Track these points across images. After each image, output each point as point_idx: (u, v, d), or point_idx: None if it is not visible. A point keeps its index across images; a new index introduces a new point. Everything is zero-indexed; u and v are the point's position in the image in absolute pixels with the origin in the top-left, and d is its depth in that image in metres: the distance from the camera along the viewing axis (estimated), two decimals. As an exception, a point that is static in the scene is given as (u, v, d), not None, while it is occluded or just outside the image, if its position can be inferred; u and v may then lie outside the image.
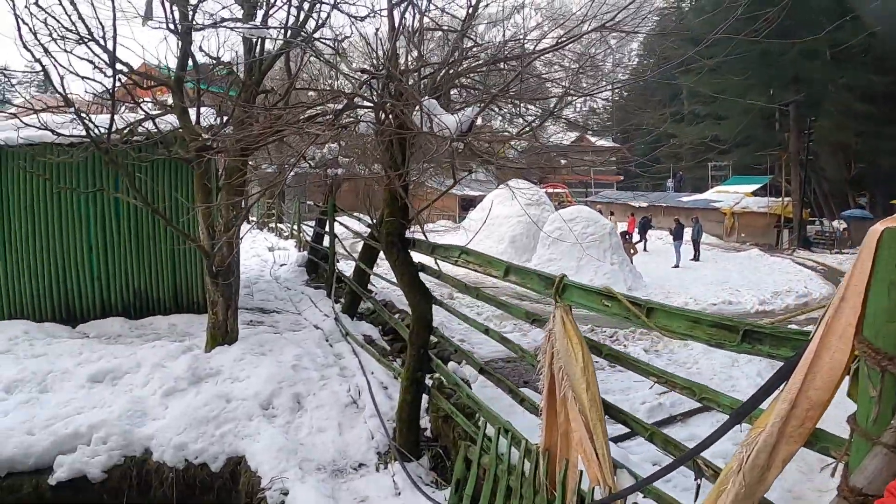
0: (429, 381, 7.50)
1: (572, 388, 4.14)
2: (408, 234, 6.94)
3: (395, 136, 5.87)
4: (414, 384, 6.91)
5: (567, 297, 4.32)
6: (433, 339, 7.42)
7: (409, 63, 6.34)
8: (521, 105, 7.28)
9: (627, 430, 4.66)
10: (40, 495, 7.26)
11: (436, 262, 6.53)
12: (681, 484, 5.41)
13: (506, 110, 8.05)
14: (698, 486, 3.87)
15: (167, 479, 7.35)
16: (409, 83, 5.96)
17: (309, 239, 19.18)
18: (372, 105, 6.02)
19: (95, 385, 8.86)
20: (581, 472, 4.31)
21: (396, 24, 6.01)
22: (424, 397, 7.32)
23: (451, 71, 6.29)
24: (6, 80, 10.57)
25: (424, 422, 7.43)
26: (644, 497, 4.20)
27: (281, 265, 18.54)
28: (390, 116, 5.92)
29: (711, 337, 3.43)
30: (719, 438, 3.19)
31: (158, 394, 8.42)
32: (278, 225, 29.07)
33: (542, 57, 6.30)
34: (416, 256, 6.98)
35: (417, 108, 5.52)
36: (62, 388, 8.82)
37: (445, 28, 7.26)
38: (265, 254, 20.90)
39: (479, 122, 6.90)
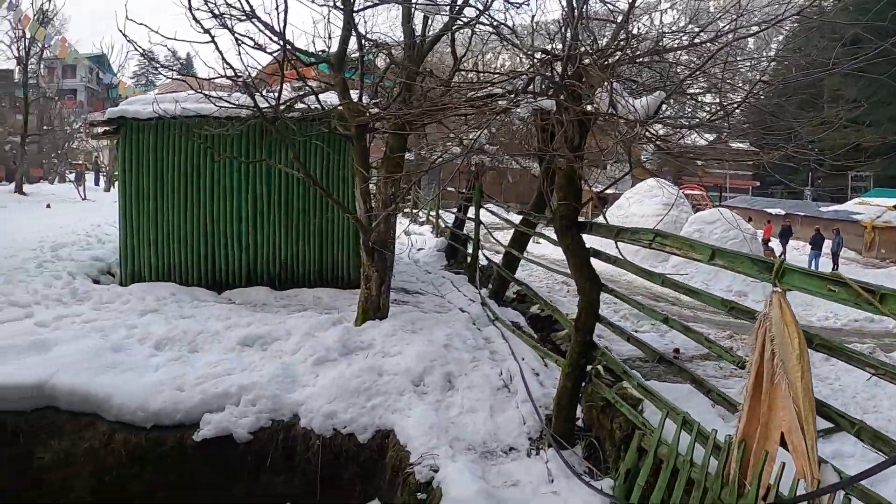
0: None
1: (787, 375, 4.03)
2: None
3: (574, 119, 5.84)
4: (575, 371, 6.87)
5: (787, 281, 4.21)
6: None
7: (587, 47, 6.28)
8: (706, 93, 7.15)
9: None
10: (183, 450, 7.64)
11: (616, 247, 6.41)
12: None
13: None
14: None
15: (313, 445, 7.58)
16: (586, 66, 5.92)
17: (445, 225, 19.31)
18: (554, 85, 6.01)
19: (245, 349, 9.24)
20: (784, 464, 4.20)
21: (576, 7, 6.00)
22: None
23: (625, 56, 6.22)
24: (150, 63, 11.19)
25: (577, 411, 7.36)
26: (845, 494, 4.06)
27: (419, 249, 18.77)
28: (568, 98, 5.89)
29: (959, 326, 3.31)
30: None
31: (309, 362, 8.70)
32: (413, 210, 29.33)
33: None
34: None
35: (599, 90, 5.49)
36: (212, 349, 9.25)
37: (613, 13, 7.15)
38: (401, 237, 21.12)
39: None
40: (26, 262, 13.98)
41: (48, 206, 29.82)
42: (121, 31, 8.27)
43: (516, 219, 12.00)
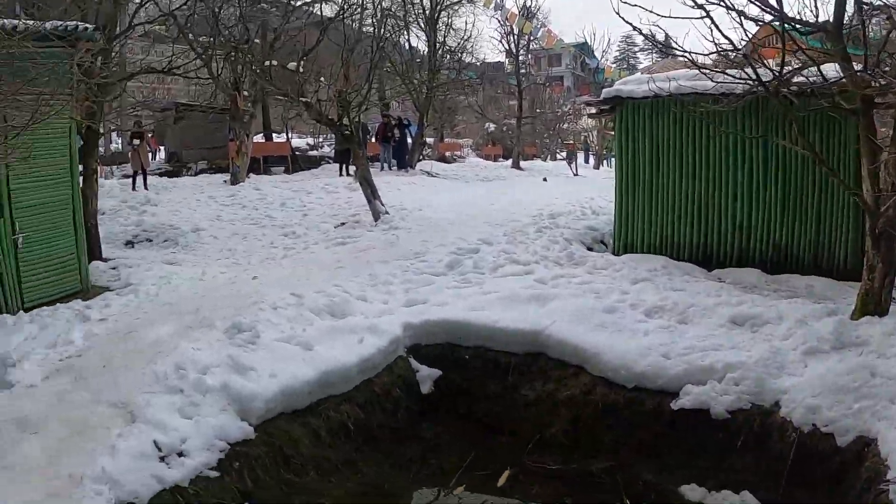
0: None
1: None
2: None
3: None
4: None
5: None
6: None
7: None
8: None
9: None
10: (659, 415, 8.06)
11: None
12: None
13: None
14: None
15: (788, 437, 7.41)
16: None
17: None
18: None
19: (735, 328, 9.31)
20: None
21: None
22: None
23: None
24: (629, 47, 11.75)
25: None
26: None
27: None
28: None
29: None
30: None
31: (799, 350, 8.49)
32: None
33: None
34: None
35: None
36: (701, 323, 9.46)
37: None
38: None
39: None
40: (527, 226, 15.92)
41: (545, 179, 32.45)
42: (616, 12, 8.89)
43: None
